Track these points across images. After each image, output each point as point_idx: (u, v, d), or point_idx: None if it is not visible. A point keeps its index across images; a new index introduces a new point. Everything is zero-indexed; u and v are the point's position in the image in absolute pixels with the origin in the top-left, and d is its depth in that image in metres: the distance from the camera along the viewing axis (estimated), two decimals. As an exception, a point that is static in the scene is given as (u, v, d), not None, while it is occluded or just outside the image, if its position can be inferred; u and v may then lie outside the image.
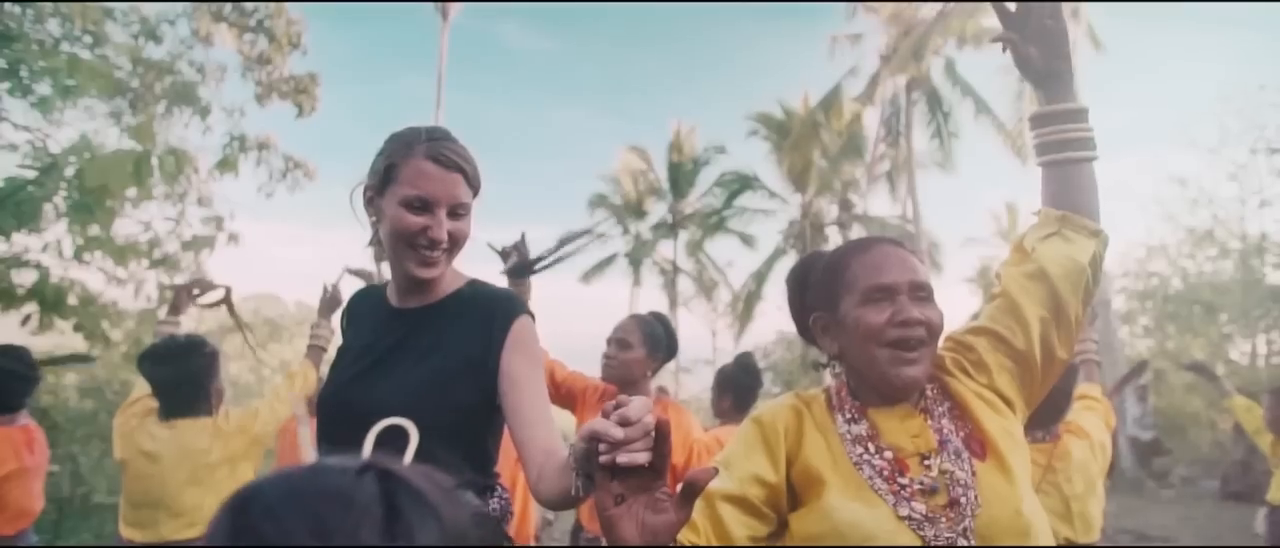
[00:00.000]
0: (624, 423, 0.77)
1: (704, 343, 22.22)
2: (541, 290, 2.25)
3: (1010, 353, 1.10)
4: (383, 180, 1.26)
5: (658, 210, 23.41)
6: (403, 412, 1.21)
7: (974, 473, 1.02)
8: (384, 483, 0.45)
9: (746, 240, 21.52)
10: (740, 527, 1.02)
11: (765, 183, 20.77)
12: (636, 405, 0.78)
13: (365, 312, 1.40)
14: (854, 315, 1.08)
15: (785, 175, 19.76)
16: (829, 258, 1.17)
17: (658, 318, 2.53)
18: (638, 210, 23.26)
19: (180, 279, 5.24)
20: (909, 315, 1.04)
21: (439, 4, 18.35)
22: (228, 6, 6.89)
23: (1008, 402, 1.12)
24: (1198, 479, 10.33)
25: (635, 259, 22.91)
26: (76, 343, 4.90)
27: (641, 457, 0.77)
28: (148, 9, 6.23)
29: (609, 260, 22.95)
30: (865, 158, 18.64)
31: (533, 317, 1.32)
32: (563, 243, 2.15)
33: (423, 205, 1.22)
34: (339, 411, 1.30)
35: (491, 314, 1.28)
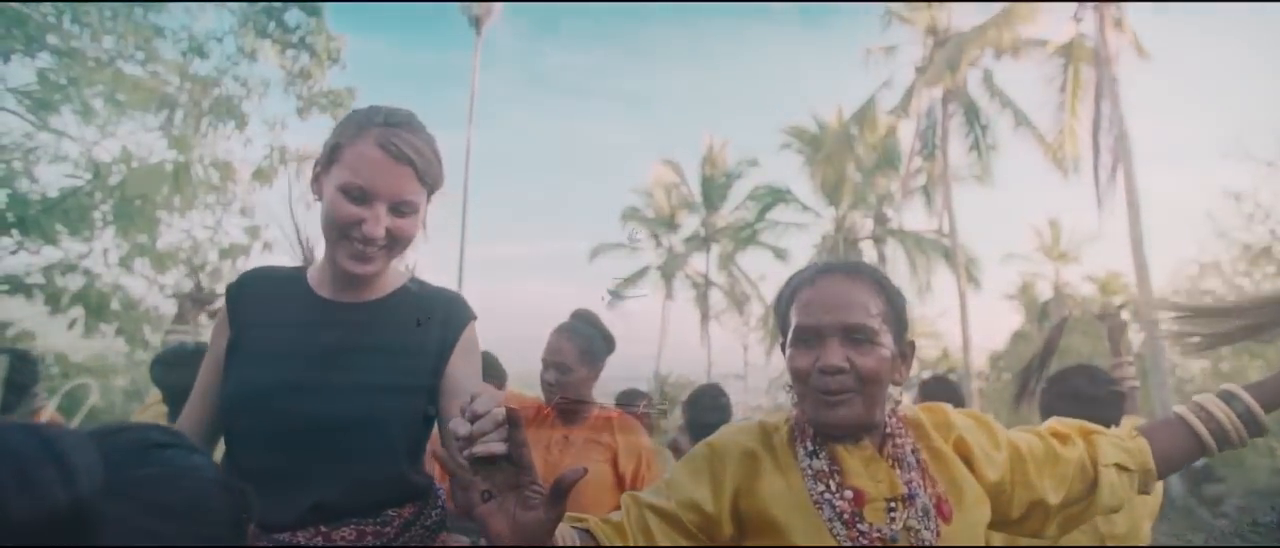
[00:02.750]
0: (473, 418, 0.77)
1: (735, 357, 22.06)
2: (574, 302, 2.20)
3: (1021, 479, 1.12)
4: (328, 159, 1.14)
5: (690, 224, 23.40)
6: (373, 421, 1.16)
7: (938, 535, 1.00)
8: None
9: (779, 254, 21.38)
10: (666, 539, 1.02)
11: (798, 196, 20.66)
12: (483, 400, 0.78)
13: (276, 297, 1.23)
14: (789, 354, 1.08)
15: (819, 189, 19.57)
16: (787, 287, 1.15)
17: (585, 318, 2.30)
18: (670, 223, 23.26)
19: (217, 288, 5.38)
20: (829, 362, 1.01)
21: (471, 3, 18.71)
22: (272, 23, 7.11)
23: None
24: (1254, 509, 9.83)
25: (667, 272, 22.89)
26: (119, 346, 5.05)
27: (496, 447, 0.77)
28: (196, 26, 6.48)
29: (641, 273, 23.00)
30: (900, 171, 18.34)
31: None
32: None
33: (361, 196, 1.10)
34: (287, 413, 1.14)
35: (447, 319, 1.22)
